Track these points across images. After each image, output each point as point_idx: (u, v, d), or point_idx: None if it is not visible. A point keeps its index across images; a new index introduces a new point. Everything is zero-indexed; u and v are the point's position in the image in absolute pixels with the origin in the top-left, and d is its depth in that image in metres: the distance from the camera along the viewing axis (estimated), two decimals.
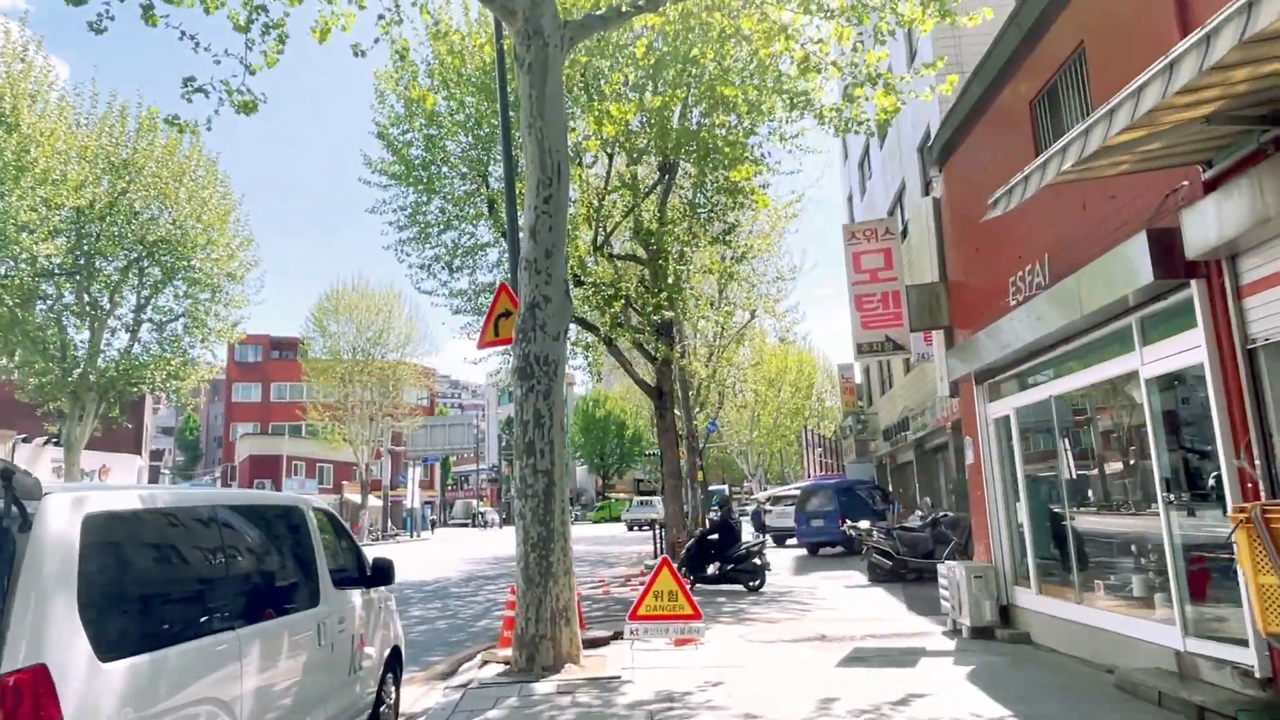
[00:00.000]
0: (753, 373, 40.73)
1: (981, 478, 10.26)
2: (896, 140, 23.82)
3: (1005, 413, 9.66)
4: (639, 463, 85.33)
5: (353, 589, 6.12)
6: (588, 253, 20.47)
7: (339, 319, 51.52)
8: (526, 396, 8.61)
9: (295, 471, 55.47)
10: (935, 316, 11.39)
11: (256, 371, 68.02)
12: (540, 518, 8.37)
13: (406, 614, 14.85)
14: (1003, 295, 8.98)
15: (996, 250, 9.42)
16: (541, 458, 8.48)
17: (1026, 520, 9.28)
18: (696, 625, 9.67)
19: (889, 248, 11.68)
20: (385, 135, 20.76)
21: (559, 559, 8.41)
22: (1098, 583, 7.86)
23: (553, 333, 8.72)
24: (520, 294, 8.93)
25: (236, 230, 33.58)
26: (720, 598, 14.93)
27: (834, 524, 23.49)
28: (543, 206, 8.74)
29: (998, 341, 8.91)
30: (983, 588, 9.65)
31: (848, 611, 12.70)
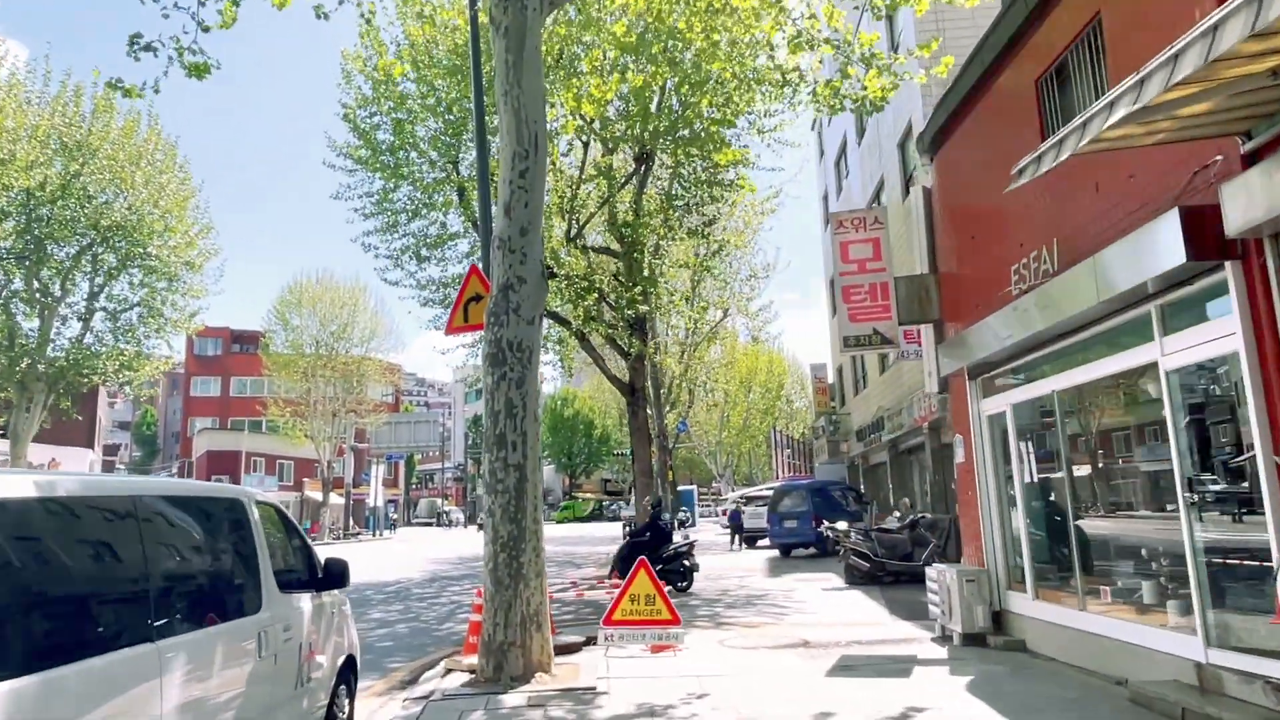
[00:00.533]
0: (724, 372, 40.36)
1: (973, 477, 9.83)
2: (875, 136, 23.49)
3: (1001, 409, 9.23)
4: (607, 462, 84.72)
5: (301, 593, 5.48)
6: (561, 244, 19.86)
7: (302, 312, 50.27)
8: (498, 385, 8.00)
9: (254, 468, 54.09)
10: (925, 309, 10.95)
11: (216, 365, 66.41)
12: (511, 515, 7.77)
13: (365, 616, 14.14)
14: (1002, 285, 8.54)
15: (995, 238, 8.98)
16: (513, 451, 7.87)
17: (1023, 521, 8.85)
18: (675, 631, 9.13)
19: (877, 237, 11.22)
20: (351, 118, 19.96)
21: (530, 560, 7.81)
22: (1104, 588, 7.43)
23: (527, 316, 8.12)
24: (493, 275, 8.32)
25: (196, 217, 32.52)
26: (694, 600, 14.40)
27: (807, 525, 23.11)
28: (518, 181, 8.14)
29: (996, 334, 8.46)
30: (975, 592, 9.20)
31: (827, 615, 12.23)
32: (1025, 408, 8.96)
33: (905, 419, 21.43)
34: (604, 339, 22.96)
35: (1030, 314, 7.58)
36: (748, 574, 18.98)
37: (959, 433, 10.40)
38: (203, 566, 4.43)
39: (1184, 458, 6.15)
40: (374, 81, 19.83)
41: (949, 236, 10.58)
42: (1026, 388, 8.66)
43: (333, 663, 5.86)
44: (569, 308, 20.79)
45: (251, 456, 53.41)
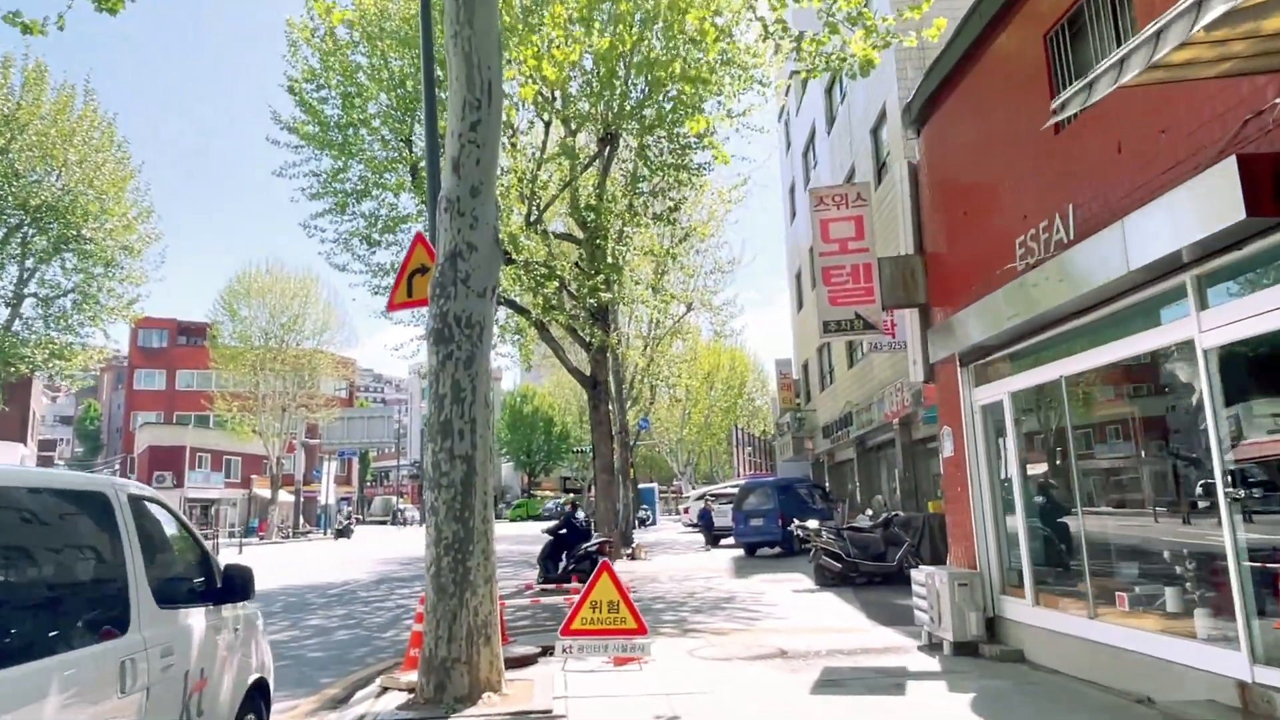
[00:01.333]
0: (686, 368, 39.60)
1: (963, 472, 9.08)
2: (847, 123, 22.83)
3: (997, 397, 8.48)
4: (566, 460, 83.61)
5: (193, 607, 4.49)
6: (520, 230, 18.87)
7: (250, 303, 48.55)
8: (443, 365, 7.03)
9: (200, 464, 52.13)
10: (910, 292, 10.19)
11: (161, 357, 64.08)
12: (457, 513, 6.81)
13: (303, 623, 13.04)
14: (1002, 261, 7.78)
15: (994, 212, 8.23)
16: (460, 440, 6.91)
17: (1021, 520, 8.11)
18: (641, 642, 8.24)
19: (860, 215, 10.44)
20: (297, 90, 18.72)
21: (479, 564, 6.86)
22: (1119, 594, 6.70)
23: (478, 288, 7.16)
24: (439, 242, 7.35)
25: (135, 199, 30.93)
26: (659, 604, 13.54)
27: (773, 523, 22.38)
28: (468, 134, 7.18)
29: (997, 314, 7.71)
30: (968, 597, 8.44)
31: (801, 620, 11.44)
32: (1026, 396, 8.23)
33: (875, 414, 20.79)
34: (564, 329, 22.01)
35: (1040, 290, 6.82)
36: (713, 575, 18.17)
37: (947, 425, 9.65)
38: (43, 578, 3.44)
39: (1224, 447, 5.41)
40: (322, 53, 18.67)
41: (937, 214, 9.83)
42: (1029, 374, 7.91)
43: (235, 691, 4.88)
44: (528, 296, 19.80)
45: (196, 452, 51.44)
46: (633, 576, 17.99)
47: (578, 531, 16.78)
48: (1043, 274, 6.77)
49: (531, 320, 20.14)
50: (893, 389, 18.99)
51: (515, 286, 19.67)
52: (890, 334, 17.39)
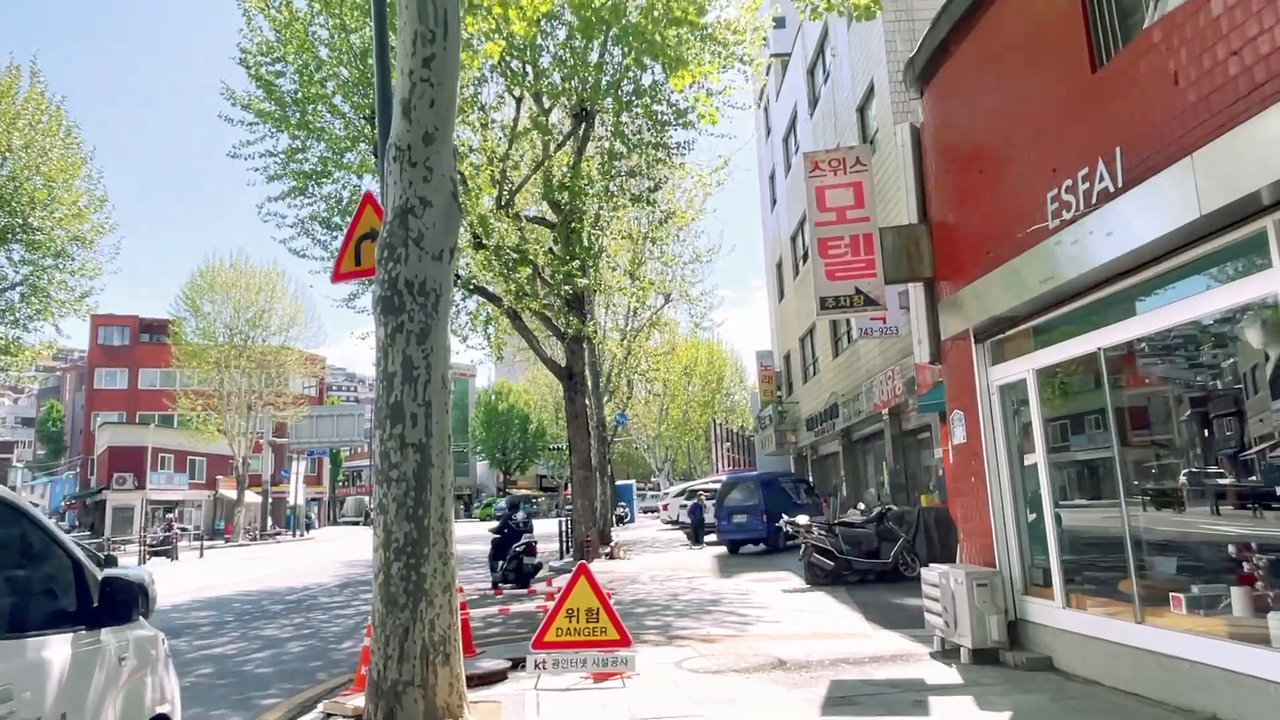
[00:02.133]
0: (664, 361, 38.70)
1: (979, 461, 8.22)
2: (831, 104, 22.00)
3: (1019, 376, 7.62)
4: (542, 458, 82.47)
5: (50, 634, 3.49)
6: (491, 213, 17.85)
7: (214, 298, 47.04)
8: (393, 339, 6.04)
9: (162, 465, 50.47)
10: (915, 265, 9.32)
11: (123, 356, 62.16)
12: (409, 512, 5.82)
13: (254, 633, 11.97)
14: (1028, 221, 6.91)
15: (1015, 167, 7.36)
16: (413, 426, 5.93)
17: (1049, 512, 7.25)
18: (623, 654, 7.30)
19: (860, 181, 9.55)
20: (250, 62, 17.53)
21: (436, 570, 5.87)
22: (1175, 596, 5.84)
23: (433, 249, 6.17)
24: (387, 197, 6.36)
25: (87, 188, 29.52)
26: (640, 608, 12.61)
27: (758, 519, 21.50)
28: (420, 71, 6.18)
29: (1023, 281, 6.84)
30: (988, 599, 7.58)
31: (797, 624, 10.55)
32: (1055, 372, 7.38)
33: (863, 405, 19.98)
34: (538, 319, 21.01)
35: (1080, 248, 5.95)
36: (697, 574, 17.27)
37: (959, 408, 8.79)
38: None
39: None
40: (278, 25, 17.50)
41: (946, 178, 8.96)
42: (1058, 347, 7.04)
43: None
44: (499, 283, 18.79)
45: (159, 453, 49.79)
46: (612, 577, 17.05)
47: (514, 533, 16.46)
48: (1084, 229, 5.90)
49: (503, 309, 19.13)
50: (883, 377, 18.18)
51: (485, 272, 18.65)
52: (881, 320, 16.59)
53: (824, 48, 23.21)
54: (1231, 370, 5.82)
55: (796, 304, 28.51)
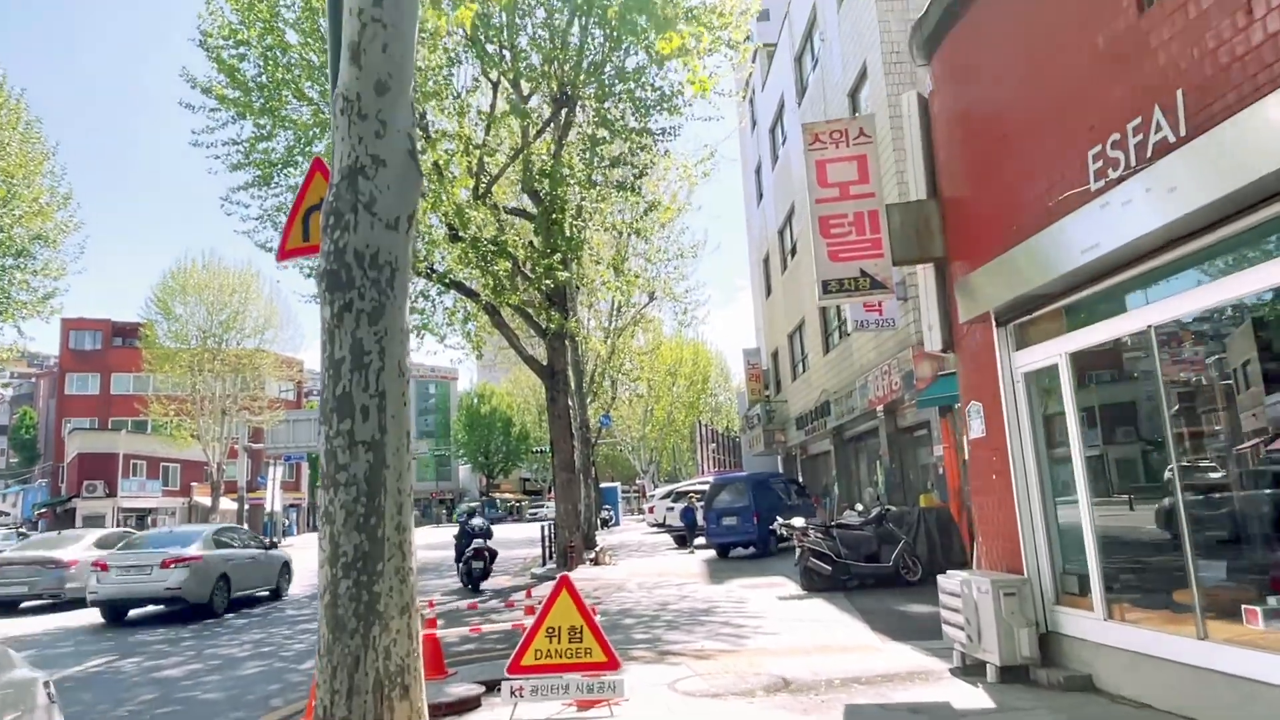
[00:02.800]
0: (648, 360, 37.90)
1: (1002, 456, 7.45)
2: (820, 90, 21.27)
3: (1049, 361, 6.86)
4: (526, 461, 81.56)
5: None
6: (467, 203, 16.99)
7: (186, 300, 45.73)
8: (339, 319, 5.16)
9: (134, 471, 49.13)
10: (925, 245, 8.55)
11: (95, 360, 60.69)
12: (359, 521, 4.94)
13: (209, 652, 11.03)
14: (1062, 186, 6.15)
15: (1045, 128, 6.60)
16: (364, 420, 5.04)
17: (1088, 513, 6.48)
18: (610, 678, 6.46)
19: (864, 154, 8.80)
20: (210, 44, 16.57)
21: (392, 588, 4.99)
22: (1249, 608, 5.08)
23: (387, 216, 5.29)
24: (334, 156, 5.50)
25: (50, 184, 28.44)
26: (628, 619, 11.78)
27: (748, 522, 20.72)
28: (372, 10, 5.32)
29: (1058, 253, 6.08)
30: (1016, 610, 6.81)
31: (798, 637, 9.75)
32: (1091, 356, 6.62)
33: (856, 402, 19.25)
34: (518, 314, 20.15)
35: (1133, 208, 5.18)
36: (687, 580, 16.45)
37: (976, 400, 8.03)
38: None
39: None
40: (240, 7, 16.55)
41: (959, 149, 8.21)
42: (1098, 327, 6.28)
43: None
44: (476, 275, 17.92)
45: (131, 459, 48.46)
46: (597, 584, 16.22)
47: (468, 537, 17.09)
48: (1138, 186, 5.13)
49: (481, 304, 18.26)
50: (878, 373, 17.45)
51: (462, 267, 17.79)
52: (877, 311, 15.86)
53: (812, 33, 22.51)
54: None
55: (785, 299, 27.78)
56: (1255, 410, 5.38)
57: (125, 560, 14.86)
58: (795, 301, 25.86)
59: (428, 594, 16.38)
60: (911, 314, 15.54)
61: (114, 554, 15.33)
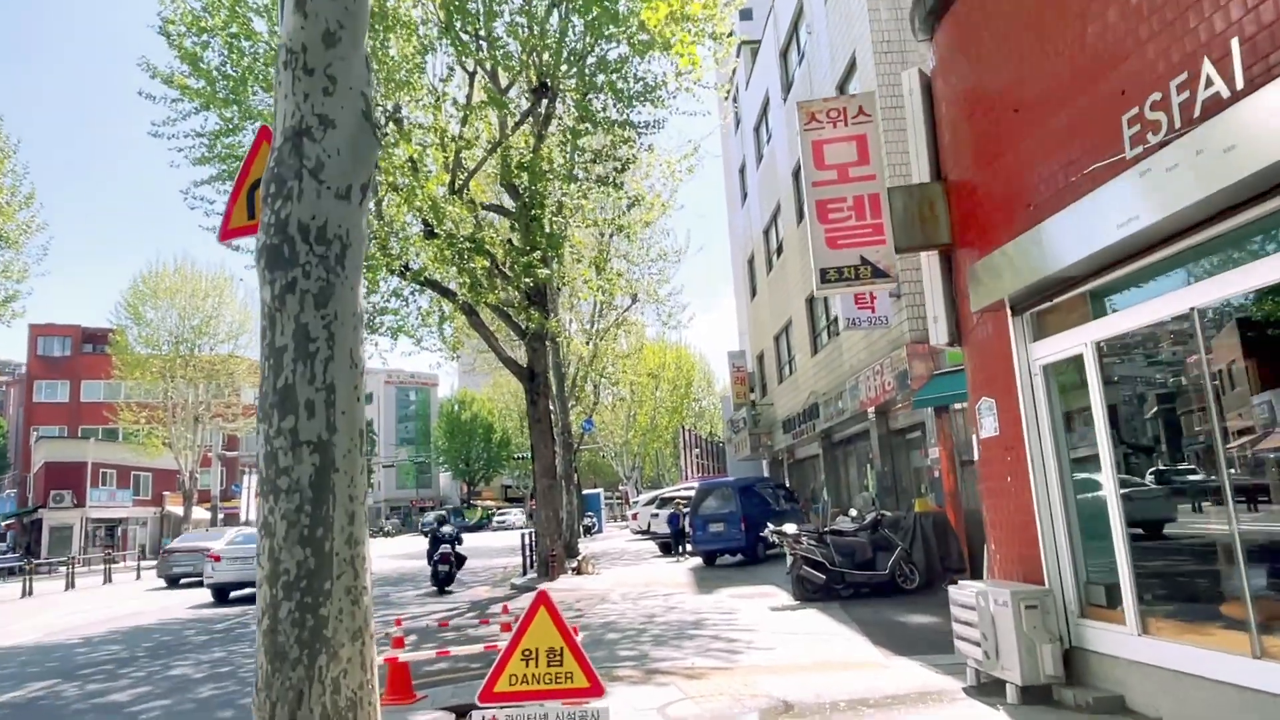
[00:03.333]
0: (630, 363, 37.26)
1: (1019, 456, 6.86)
2: (807, 83, 20.76)
3: (1072, 350, 6.28)
4: (507, 467, 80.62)
5: None
6: (444, 198, 16.31)
7: (158, 304, 44.68)
8: (282, 302, 4.47)
9: (104, 481, 47.88)
10: (929, 231, 7.99)
11: (64, 367, 59.31)
12: (303, 533, 4.25)
13: (163, 673, 10.24)
14: (1093, 156, 5.59)
15: (1067, 97, 6.03)
16: (309, 417, 4.34)
17: (1119, 517, 5.90)
18: (595, 707, 5.77)
19: (864, 133, 8.24)
20: (171, 32, 15.80)
21: (342, 611, 4.30)
22: None
23: (337, 184, 4.61)
24: (276, 117, 4.84)
25: (12, 183, 27.53)
26: (612, 633, 11.12)
27: (736, 528, 20.10)
28: None
29: (1090, 228, 5.51)
30: (1038, 624, 6.22)
31: (794, 651, 9.13)
32: (1120, 344, 6.05)
33: (847, 403, 18.69)
34: (494, 312, 19.46)
35: (1180, 174, 4.60)
36: (673, 590, 15.80)
37: (987, 396, 7.45)
38: None
39: None
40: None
41: (966, 128, 7.64)
42: (1129, 312, 5.71)
43: None
44: (451, 272, 17.23)
45: (100, 468, 47.23)
46: (579, 596, 15.54)
47: (437, 542, 18.17)
48: (1187, 149, 4.55)
49: (458, 304, 17.56)
50: (869, 373, 16.90)
51: (438, 265, 17.10)
52: (870, 309, 15.32)
53: (798, 27, 22.01)
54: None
55: (770, 300, 27.25)
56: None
57: (233, 553, 18.90)
58: (782, 302, 25.32)
59: (402, 606, 15.64)
60: (905, 312, 15.01)
61: (224, 548, 19.33)
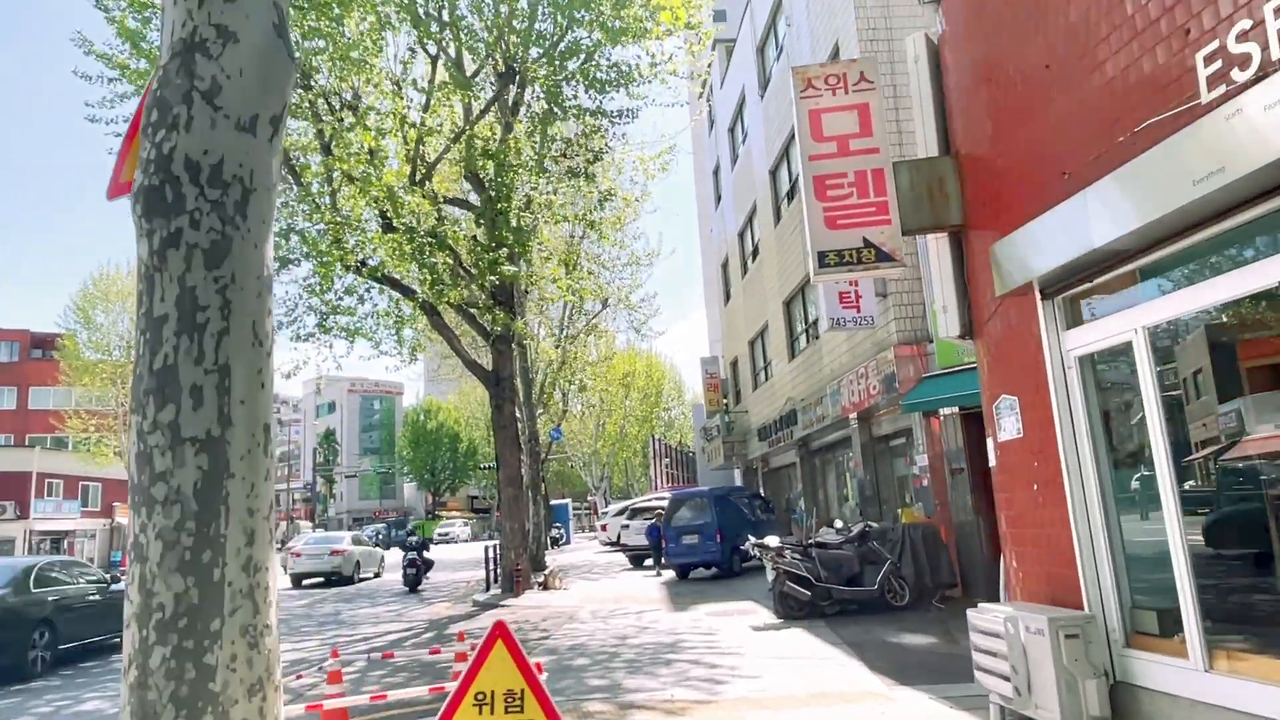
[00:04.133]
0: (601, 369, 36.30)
1: (1052, 461, 6.02)
2: (785, 79, 20.00)
3: (1118, 339, 5.46)
4: (474, 478, 79.12)
5: None
6: (403, 186, 15.30)
7: (109, 307, 42.97)
8: (162, 259, 3.43)
9: (50, 491, 45.81)
10: (939, 211, 7.17)
11: (12, 373, 57.02)
12: (184, 557, 3.18)
13: (70, 709, 9.07)
14: (1153, 106, 4.77)
15: (1116, 44, 5.21)
16: (195, 407, 3.29)
17: (1178, 531, 5.06)
18: None
19: (867, 102, 7.40)
20: (109, 6, 14.64)
21: (237, 659, 3.27)
22: None
23: (239, 113, 3.59)
24: (163, 32, 3.84)
25: None
26: (581, 658, 10.14)
27: (711, 540, 19.21)
28: None
29: (1147, 193, 4.69)
30: (1081, 655, 5.37)
31: (785, 680, 8.22)
32: (1169, 331, 5.23)
33: (827, 409, 17.88)
34: (459, 314, 18.45)
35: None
36: (646, 607, 14.84)
37: (1008, 394, 6.61)
38: None
39: None
40: None
41: (983, 94, 6.84)
42: (1194, 290, 4.89)
43: None
44: (410, 268, 16.20)
45: (46, 478, 45.20)
46: (546, 614, 14.53)
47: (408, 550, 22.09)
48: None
49: (417, 302, 16.53)
50: (852, 376, 16.10)
51: (396, 261, 16.06)
52: (855, 308, 14.52)
53: (776, 20, 21.29)
54: None
55: (746, 304, 26.47)
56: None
57: (310, 550, 25.49)
58: (757, 306, 24.54)
59: (354, 625, 14.52)
60: (892, 311, 14.23)
61: (304, 546, 26.07)
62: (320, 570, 24.77)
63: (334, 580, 25.12)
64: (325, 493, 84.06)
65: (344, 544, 25.83)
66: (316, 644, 12.80)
